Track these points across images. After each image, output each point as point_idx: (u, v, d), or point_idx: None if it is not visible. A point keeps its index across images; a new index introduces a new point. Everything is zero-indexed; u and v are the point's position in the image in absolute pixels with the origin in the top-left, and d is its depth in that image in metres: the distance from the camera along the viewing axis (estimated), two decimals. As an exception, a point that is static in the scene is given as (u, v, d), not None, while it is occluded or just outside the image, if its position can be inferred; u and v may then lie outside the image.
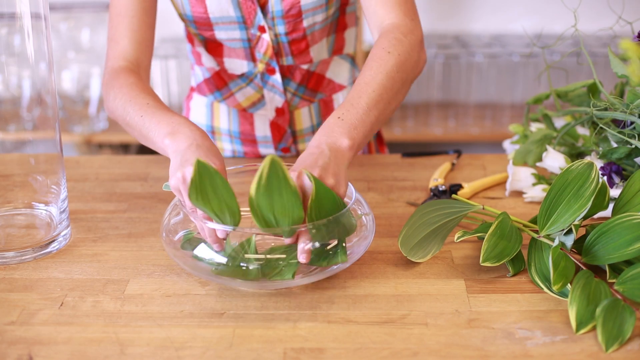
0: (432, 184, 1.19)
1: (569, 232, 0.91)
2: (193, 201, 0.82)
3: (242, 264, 0.86)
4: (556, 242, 0.89)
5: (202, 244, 0.87)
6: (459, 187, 1.16)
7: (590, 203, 0.89)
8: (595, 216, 1.01)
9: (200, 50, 1.30)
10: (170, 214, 0.92)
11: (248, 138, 1.35)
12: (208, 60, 1.31)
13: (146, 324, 0.84)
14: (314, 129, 1.34)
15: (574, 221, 0.90)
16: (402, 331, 0.82)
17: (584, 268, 0.89)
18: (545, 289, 0.89)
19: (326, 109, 1.34)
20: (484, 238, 0.92)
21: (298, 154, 1.36)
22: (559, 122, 1.27)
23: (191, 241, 0.90)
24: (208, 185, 0.82)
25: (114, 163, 1.33)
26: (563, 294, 0.88)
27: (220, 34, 1.22)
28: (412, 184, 1.22)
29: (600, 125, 1.10)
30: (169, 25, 2.62)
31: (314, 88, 1.32)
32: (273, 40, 1.22)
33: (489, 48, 2.54)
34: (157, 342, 0.81)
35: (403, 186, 1.21)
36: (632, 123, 1.08)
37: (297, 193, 0.82)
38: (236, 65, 1.28)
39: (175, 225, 0.92)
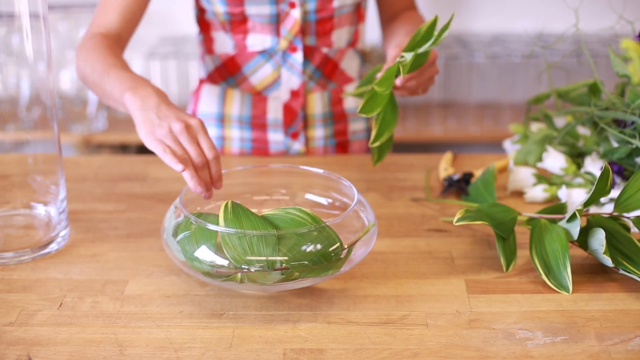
0: (443, 174, 1.20)
1: (573, 218, 0.91)
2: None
3: (243, 267, 0.84)
4: None
5: (203, 246, 0.86)
6: (471, 175, 1.17)
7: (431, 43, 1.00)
8: (597, 210, 1.00)
9: (216, 34, 1.32)
10: (171, 216, 0.91)
11: (259, 122, 1.36)
12: (222, 45, 1.32)
13: (145, 325, 0.84)
14: (324, 117, 1.36)
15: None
16: (402, 332, 0.82)
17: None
18: (543, 275, 0.90)
19: (337, 98, 1.36)
20: (487, 224, 0.93)
21: (307, 140, 1.37)
22: (560, 122, 1.27)
23: (190, 241, 0.89)
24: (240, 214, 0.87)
25: (113, 163, 1.33)
26: (561, 285, 0.88)
27: (250, 10, 1.25)
28: (412, 184, 1.21)
29: (601, 125, 1.09)
30: (169, 25, 2.62)
31: (329, 76, 1.35)
32: (301, 17, 1.26)
33: (490, 48, 2.53)
34: (156, 343, 0.81)
35: (403, 186, 1.21)
36: (632, 123, 1.07)
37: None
38: (259, 40, 1.30)
39: (176, 227, 0.90)
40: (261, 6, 1.25)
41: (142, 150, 2.62)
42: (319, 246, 0.83)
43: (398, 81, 1.03)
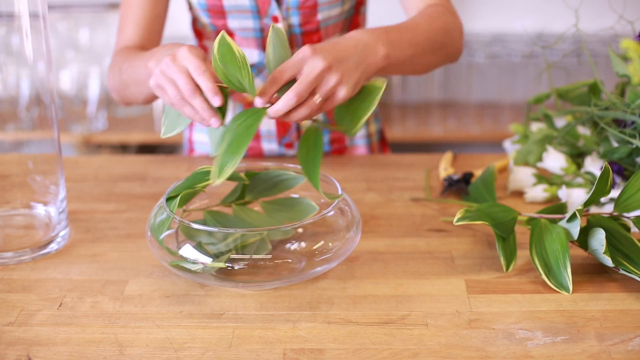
0: (443, 174, 1.20)
1: (573, 218, 0.91)
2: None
3: (227, 264, 0.85)
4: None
5: (187, 245, 0.87)
6: (471, 175, 1.16)
7: None
8: (597, 210, 1.00)
9: (209, 44, 1.31)
10: (156, 213, 0.92)
11: None
12: None
13: (145, 325, 0.84)
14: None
15: None
16: (402, 332, 0.82)
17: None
18: (543, 275, 0.89)
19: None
20: (487, 224, 0.93)
21: None
22: (560, 122, 1.27)
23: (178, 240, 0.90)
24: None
25: (113, 163, 1.33)
26: (561, 285, 0.88)
27: (232, 23, 1.23)
28: (412, 184, 1.21)
29: (601, 125, 1.09)
30: (169, 25, 2.62)
31: None
32: (286, 31, 1.23)
33: (490, 48, 2.54)
34: (156, 343, 0.81)
35: (403, 186, 1.21)
36: (633, 123, 1.07)
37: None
38: (246, 55, 1.28)
39: (160, 224, 0.90)
40: (244, 20, 1.22)
41: (142, 150, 2.62)
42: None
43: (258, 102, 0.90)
